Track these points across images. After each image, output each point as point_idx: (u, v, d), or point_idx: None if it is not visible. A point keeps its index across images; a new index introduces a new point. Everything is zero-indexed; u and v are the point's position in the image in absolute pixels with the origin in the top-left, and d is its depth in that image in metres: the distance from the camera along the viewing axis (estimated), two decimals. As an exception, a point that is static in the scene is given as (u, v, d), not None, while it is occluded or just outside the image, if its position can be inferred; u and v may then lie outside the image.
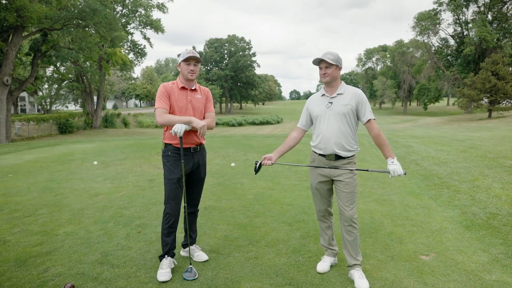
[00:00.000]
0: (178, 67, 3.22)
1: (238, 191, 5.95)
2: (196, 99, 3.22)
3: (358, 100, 2.93)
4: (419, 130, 26.83)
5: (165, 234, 3.16)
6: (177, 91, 3.15)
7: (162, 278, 2.97)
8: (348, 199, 2.96)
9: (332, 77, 2.95)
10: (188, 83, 3.19)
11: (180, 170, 3.12)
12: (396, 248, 3.56)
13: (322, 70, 2.95)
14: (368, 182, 6.21)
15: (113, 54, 33.82)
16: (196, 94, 3.23)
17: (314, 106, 3.10)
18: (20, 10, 19.78)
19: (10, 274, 3.11)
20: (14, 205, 5.30)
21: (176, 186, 3.13)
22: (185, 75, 3.14)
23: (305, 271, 3.13)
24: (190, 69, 3.12)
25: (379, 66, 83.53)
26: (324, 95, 3.05)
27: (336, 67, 2.93)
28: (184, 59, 3.09)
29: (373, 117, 2.95)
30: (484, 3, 44.69)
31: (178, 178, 3.12)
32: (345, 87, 3.02)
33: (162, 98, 3.08)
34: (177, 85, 3.17)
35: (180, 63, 3.14)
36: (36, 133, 30.70)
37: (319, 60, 2.92)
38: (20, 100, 58.01)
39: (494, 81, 32.56)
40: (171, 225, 3.15)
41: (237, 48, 75.65)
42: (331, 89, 3.02)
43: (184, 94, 3.17)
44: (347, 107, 2.92)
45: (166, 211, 3.14)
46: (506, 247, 3.49)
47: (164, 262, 3.12)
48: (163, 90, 3.11)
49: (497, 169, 6.71)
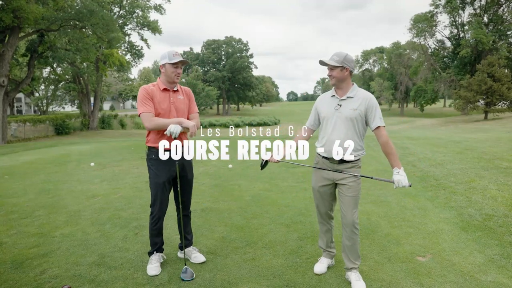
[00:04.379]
0: (161, 68, 3.11)
1: (236, 192, 5.95)
2: (179, 100, 3.18)
3: (368, 105, 2.84)
4: (416, 131, 26.91)
5: (154, 235, 3.25)
6: (159, 93, 3.08)
7: (152, 272, 3.09)
8: (351, 204, 2.93)
9: (338, 79, 2.86)
10: (171, 84, 3.14)
11: (166, 172, 3.12)
12: (393, 249, 3.57)
13: (329, 71, 2.89)
14: (365, 184, 6.23)
15: (110, 55, 33.68)
16: (178, 95, 3.18)
17: (322, 107, 3.02)
18: (16, 11, 19.68)
19: (7, 276, 3.10)
20: (10, 206, 5.27)
21: (162, 189, 3.15)
22: (171, 77, 3.08)
23: (303, 272, 3.14)
24: (177, 72, 3.08)
25: (376, 68, 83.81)
26: (334, 96, 2.97)
27: (342, 69, 2.83)
28: (172, 62, 3.02)
29: (383, 124, 2.84)
30: (480, 6, 44.98)
31: (164, 182, 3.14)
32: (356, 90, 2.91)
33: (146, 102, 3.01)
34: (158, 87, 3.11)
35: (165, 64, 3.05)
36: (33, 134, 30.52)
37: (323, 62, 2.86)
38: (16, 101, 57.74)
39: (490, 83, 32.73)
40: (159, 226, 3.24)
41: (234, 49, 75.66)
42: (341, 91, 2.93)
43: (167, 96, 3.11)
44: (355, 112, 2.83)
45: (154, 213, 3.19)
46: (502, 248, 3.51)
47: (153, 257, 3.23)
48: (145, 93, 3.03)
49: (493, 171, 6.75)
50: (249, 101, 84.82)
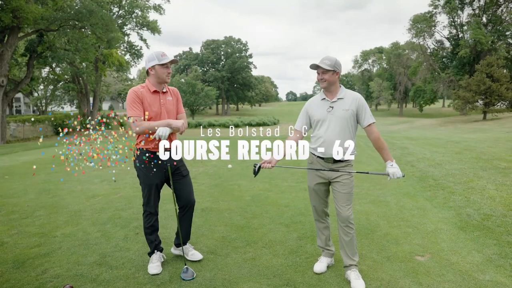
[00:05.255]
0: (150, 70, 3.06)
1: (235, 192, 5.97)
2: (169, 102, 3.18)
3: (359, 105, 2.99)
4: (415, 131, 26.98)
5: (149, 233, 3.30)
6: (149, 96, 3.06)
7: (153, 271, 3.13)
8: (345, 200, 3.01)
9: (329, 83, 2.99)
10: (161, 86, 3.13)
11: (157, 174, 3.14)
12: (392, 249, 3.60)
13: (319, 75, 3.00)
14: (365, 184, 6.26)
15: (110, 55, 33.67)
16: (167, 96, 3.19)
17: (314, 110, 3.11)
18: (16, 11, 19.69)
19: (9, 275, 3.12)
20: (11, 206, 5.29)
21: (155, 189, 3.20)
22: (163, 78, 3.07)
23: (302, 271, 3.16)
24: (168, 72, 3.08)
25: (375, 68, 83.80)
26: (325, 99, 3.07)
27: (333, 72, 2.96)
28: (162, 63, 3.01)
29: (374, 120, 3.00)
30: (479, 6, 45.07)
31: (157, 183, 3.18)
32: (344, 91, 3.06)
33: (135, 105, 2.97)
34: (148, 89, 3.07)
35: (155, 66, 3.02)
36: (32, 134, 30.52)
37: (316, 65, 2.97)
38: (15, 101, 57.54)
39: (489, 83, 32.83)
40: (152, 224, 3.28)
41: (233, 49, 75.63)
42: (331, 93, 3.06)
43: (157, 98, 3.10)
44: (348, 112, 2.97)
45: (147, 212, 3.25)
46: (500, 248, 3.54)
47: (154, 257, 3.26)
48: (134, 96, 2.98)
49: (491, 171, 6.79)
50: (248, 101, 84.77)
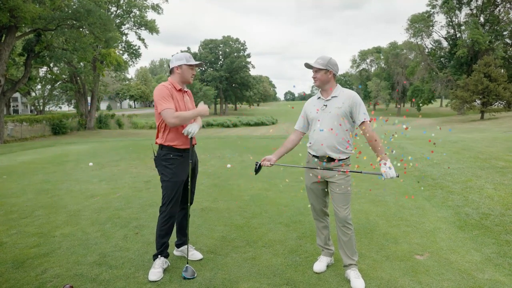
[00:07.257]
0: (177, 70, 3.16)
1: (235, 192, 5.98)
2: (189, 101, 3.29)
3: (352, 102, 2.98)
4: (413, 131, 27.04)
5: (162, 236, 3.17)
6: (176, 93, 3.14)
7: (153, 278, 3.01)
8: (341, 200, 3.01)
9: (322, 81, 3.02)
10: (183, 85, 3.23)
11: (186, 171, 3.17)
12: (391, 248, 3.61)
13: (313, 74, 3.05)
14: (363, 183, 6.28)
15: (108, 55, 33.62)
16: (186, 96, 3.29)
17: (310, 109, 3.16)
18: (13, 10, 19.58)
19: (8, 275, 3.11)
20: (10, 206, 5.27)
21: (180, 188, 3.17)
22: (187, 78, 3.18)
23: (302, 271, 3.17)
24: (193, 73, 3.20)
25: (373, 68, 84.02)
26: (320, 98, 3.12)
27: (326, 71, 2.99)
28: (190, 64, 3.13)
29: (368, 118, 2.98)
30: (477, 6, 45.23)
31: (183, 180, 3.16)
32: (340, 90, 3.08)
33: (168, 98, 3.03)
34: (173, 86, 3.16)
35: (182, 65, 3.13)
36: (29, 134, 30.41)
37: (308, 64, 3.04)
38: (13, 100, 57.41)
39: (487, 83, 32.94)
40: (170, 226, 3.19)
41: (232, 49, 75.61)
42: (326, 92, 3.09)
43: (181, 96, 3.20)
44: (340, 110, 2.97)
45: (168, 213, 3.13)
46: (498, 247, 3.56)
47: (157, 262, 3.16)
48: (166, 90, 3.06)
49: (489, 170, 6.81)
50: (247, 101, 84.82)
